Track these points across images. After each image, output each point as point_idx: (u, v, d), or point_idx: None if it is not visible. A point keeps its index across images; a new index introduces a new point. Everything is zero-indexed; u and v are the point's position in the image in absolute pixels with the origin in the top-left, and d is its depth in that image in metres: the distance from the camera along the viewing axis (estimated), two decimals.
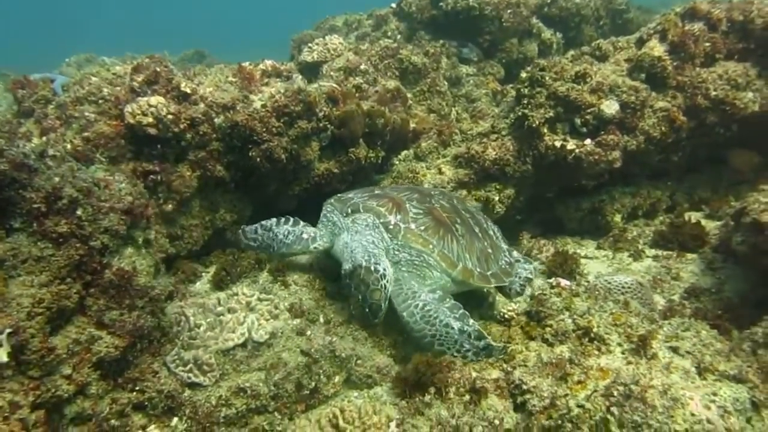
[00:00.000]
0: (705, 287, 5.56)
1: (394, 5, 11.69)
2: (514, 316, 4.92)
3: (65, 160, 3.49)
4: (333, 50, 8.37)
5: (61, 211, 3.21)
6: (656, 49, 6.39)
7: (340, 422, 3.36)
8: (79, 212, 3.25)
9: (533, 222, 7.89)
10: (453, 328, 4.12)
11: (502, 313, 4.99)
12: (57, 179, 3.24)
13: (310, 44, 8.81)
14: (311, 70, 8.49)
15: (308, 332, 3.90)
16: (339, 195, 5.30)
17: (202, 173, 5.18)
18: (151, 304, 3.49)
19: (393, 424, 3.47)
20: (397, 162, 7.68)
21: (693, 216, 6.71)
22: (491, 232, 5.59)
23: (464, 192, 7.03)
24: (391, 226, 4.49)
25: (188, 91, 5.00)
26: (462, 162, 7.12)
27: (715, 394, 3.50)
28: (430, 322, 4.11)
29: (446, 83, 9.26)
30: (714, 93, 6.29)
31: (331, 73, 7.37)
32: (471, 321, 4.27)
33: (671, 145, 6.74)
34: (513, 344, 4.58)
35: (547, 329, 4.54)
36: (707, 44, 6.36)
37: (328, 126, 5.96)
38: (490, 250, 5.08)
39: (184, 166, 5.07)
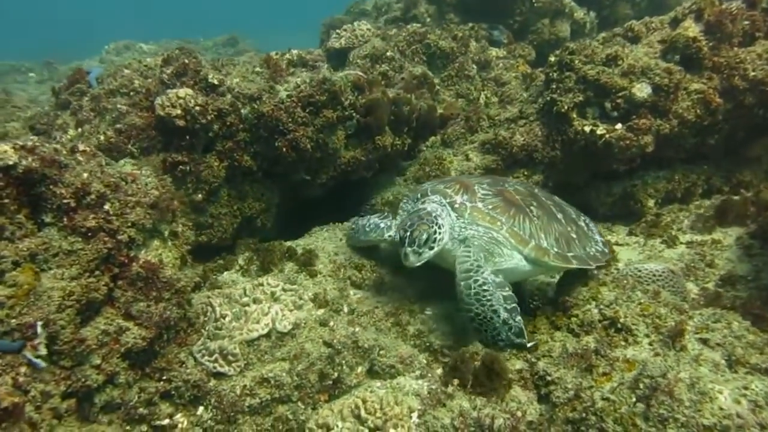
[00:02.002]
0: (741, 274, 5.40)
1: None
2: (540, 305, 4.88)
3: (95, 156, 3.59)
4: (360, 36, 8.34)
5: (90, 205, 3.31)
6: (691, 29, 6.16)
7: (362, 413, 3.41)
8: (106, 207, 3.35)
9: None
10: (499, 316, 4.08)
11: (528, 302, 4.95)
12: (86, 175, 3.33)
13: (338, 30, 8.80)
14: (339, 57, 8.49)
15: (331, 323, 3.94)
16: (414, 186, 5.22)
17: (229, 163, 5.26)
18: (177, 295, 3.58)
19: (415, 415, 3.50)
20: (425, 148, 7.65)
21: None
22: (582, 224, 5.36)
23: None
24: (456, 205, 4.39)
25: (215, 82, 5.07)
26: (489, 148, 7.04)
27: (746, 388, 3.42)
28: (480, 301, 4.06)
29: (475, 67, 9.13)
30: (753, 73, 6.05)
31: (358, 60, 7.35)
32: (518, 317, 4.20)
33: (707, 127, 6.53)
34: (539, 334, 4.57)
35: (573, 319, 4.50)
36: (746, 23, 6.11)
37: (354, 114, 5.95)
38: (574, 236, 4.87)
39: (212, 156, 5.15)
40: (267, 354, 3.74)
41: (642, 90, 6.22)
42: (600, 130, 6.43)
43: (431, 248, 4.04)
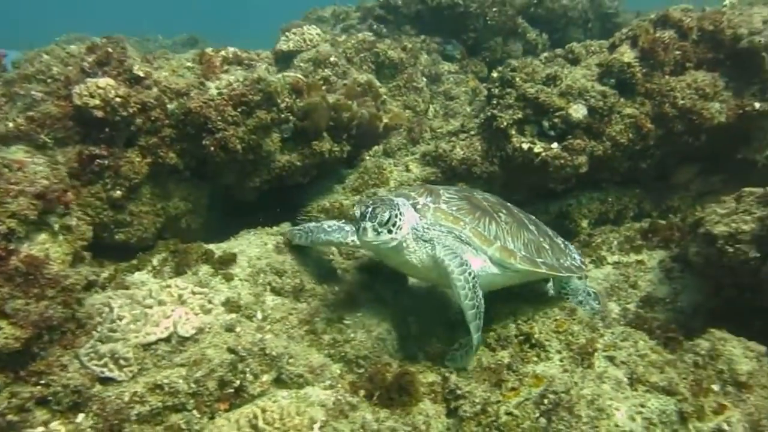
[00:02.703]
0: (660, 296, 5.51)
1: None
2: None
3: None
4: (309, 40, 8.26)
5: None
6: (626, 54, 6.31)
7: (260, 422, 3.29)
8: None
9: None
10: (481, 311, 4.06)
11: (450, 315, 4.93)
12: None
13: (287, 33, 8.70)
14: (286, 60, 8.38)
15: (238, 328, 3.81)
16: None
17: (153, 160, 5.09)
18: (64, 293, 3.38)
19: (316, 426, 3.41)
20: (368, 158, 7.61)
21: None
22: (558, 241, 5.24)
23: None
24: (419, 206, 4.23)
25: (141, 74, 4.90)
26: (430, 160, 7.05)
27: (642, 406, 3.47)
28: (476, 292, 3.97)
29: (425, 79, 9.16)
30: (681, 102, 6.21)
31: (300, 63, 7.27)
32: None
33: (639, 152, 6.67)
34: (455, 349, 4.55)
35: (491, 333, 4.49)
36: (677, 52, 6.28)
37: (290, 117, 5.86)
38: (546, 246, 4.75)
39: (134, 151, 4.97)
40: (165, 359, 3.58)
41: (578, 111, 6.33)
42: (537, 148, 6.50)
43: (390, 231, 3.91)
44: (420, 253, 4.17)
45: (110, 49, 4.87)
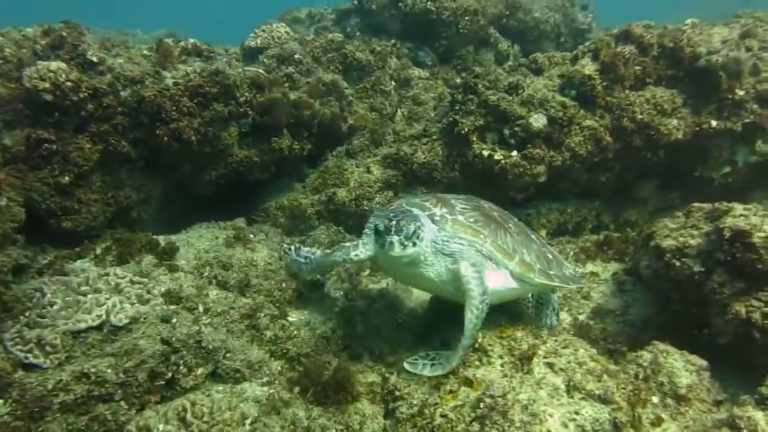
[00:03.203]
0: (611, 308, 5.56)
1: (356, 1, 11.57)
2: (406, 318, 4.84)
3: None
4: (277, 38, 8.22)
5: None
6: (587, 67, 6.40)
7: (188, 416, 3.21)
8: None
9: None
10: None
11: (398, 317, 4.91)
12: None
13: (256, 30, 8.65)
14: (254, 56, 8.32)
15: (174, 320, 3.73)
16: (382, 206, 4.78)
17: (104, 147, 4.98)
18: None
19: (248, 422, 3.34)
20: (331, 157, 7.57)
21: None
22: (550, 248, 5.07)
23: (391, 193, 6.96)
24: (437, 218, 3.99)
25: (95, 59, 4.81)
26: (391, 162, 7.05)
27: (577, 413, 3.47)
28: (482, 318, 3.89)
29: (393, 83, 9.17)
30: (640, 117, 6.32)
31: (265, 59, 7.21)
32: None
33: (598, 164, 6.75)
34: (403, 349, 4.52)
35: (438, 337, 4.48)
36: (638, 68, 6.39)
37: (250, 112, 5.80)
38: (550, 256, 4.61)
39: (85, 137, 4.87)
40: (95, 348, 3.48)
41: (538, 120, 6.39)
42: (497, 156, 6.54)
43: (414, 244, 3.70)
44: (438, 266, 3.95)
45: (65, 33, 4.77)
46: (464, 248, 3.95)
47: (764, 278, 4.04)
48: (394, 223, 3.64)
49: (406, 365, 4.05)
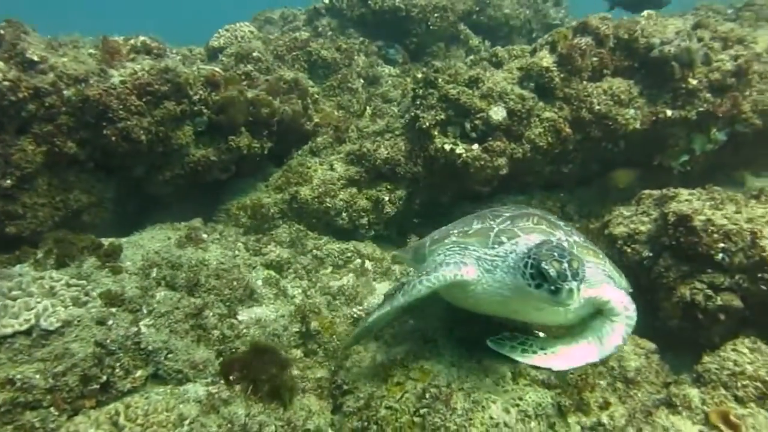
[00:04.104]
0: None
1: (327, 1, 11.55)
2: (363, 315, 4.80)
3: None
4: (241, 37, 8.14)
5: None
6: (545, 59, 6.39)
7: (121, 419, 3.14)
8: None
9: (430, 226, 7.77)
10: None
11: (352, 313, 4.87)
12: None
13: (219, 30, 8.57)
14: (217, 56, 8.25)
15: (110, 321, 3.66)
16: (447, 237, 3.92)
17: (49, 149, 4.89)
18: None
19: (186, 422, 3.28)
20: (296, 156, 7.51)
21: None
22: None
23: (355, 190, 6.91)
24: (565, 243, 3.48)
25: (35, 58, 4.71)
26: (354, 159, 6.99)
27: (520, 399, 3.46)
28: None
29: (361, 81, 9.13)
30: (598, 107, 6.31)
31: (223, 58, 7.14)
32: None
33: (559, 156, 6.74)
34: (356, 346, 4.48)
35: (389, 330, 4.44)
36: (595, 59, 6.38)
37: (204, 111, 5.73)
38: None
39: (27, 139, 4.77)
40: (22, 354, 3.39)
41: (498, 113, 6.37)
42: (459, 149, 6.50)
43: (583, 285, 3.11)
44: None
45: (2, 32, 4.67)
46: (592, 271, 3.46)
47: (706, 261, 4.05)
48: (566, 265, 3.04)
49: (489, 343, 3.66)
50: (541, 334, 3.89)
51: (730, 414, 3.35)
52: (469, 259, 3.59)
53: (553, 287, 3.04)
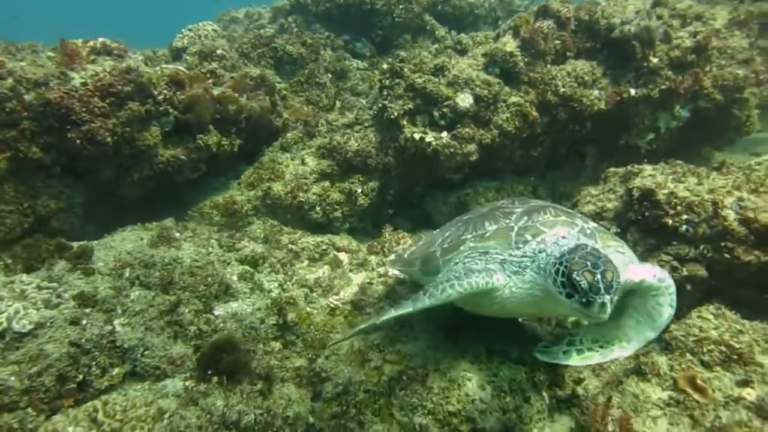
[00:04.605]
0: None
1: None
2: (340, 305, 4.83)
3: None
4: (204, 36, 8.09)
5: None
6: (509, 44, 6.48)
7: (100, 415, 3.14)
8: None
9: (405, 216, 7.86)
10: None
11: (327, 303, 4.89)
12: None
13: (183, 30, 8.50)
14: (181, 56, 8.18)
15: (84, 321, 3.64)
16: (461, 243, 3.66)
17: (13, 154, 4.82)
18: None
19: (166, 416, 3.29)
20: (266, 152, 7.50)
21: None
22: None
23: (327, 184, 6.93)
24: (588, 231, 3.38)
25: None
26: (325, 153, 7.01)
27: (495, 375, 3.53)
28: None
29: (329, 75, 9.13)
30: (563, 90, 6.42)
31: (187, 57, 7.09)
32: None
33: (528, 140, 6.84)
34: (334, 333, 4.51)
35: (366, 317, 4.48)
36: (557, 42, 6.49)
37: (170, 110, 5.69)
38: None
39: None
40: None
41: (464, 100, 6.44)
42: (429, 138, 6.56)
43: (617, 296, 2.95)
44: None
45: None
46: (615, 257, 3.26)
47: (671, 234, 4.15)
48: (599, 277, 2.85)
49: (539, 355, 3.51)
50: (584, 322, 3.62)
51: (697, 378, 3.44)
52: (494, 265, 3.38)
53: (584, 299, 2.87)
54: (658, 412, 3.32)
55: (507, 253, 3.39)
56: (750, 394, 3.23)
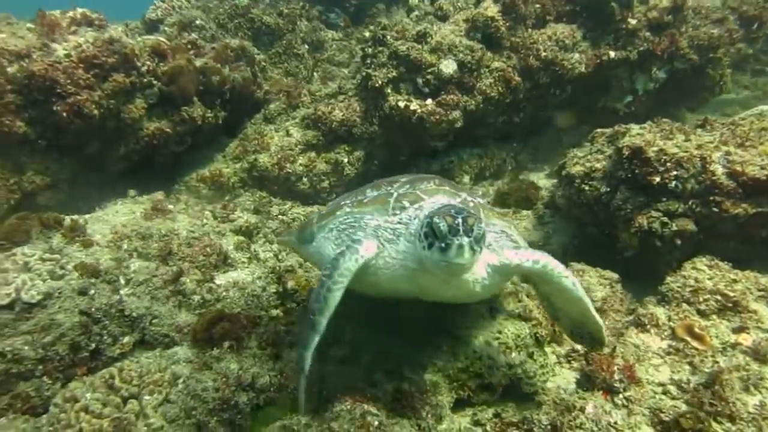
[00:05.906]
0: (535, 240, 5.77)
1: None
2: None
3: None
4: (178, 7, 7.92)
5: None
6: (490, 9, 6.52)
7: (116, 381, 3.16)
8: None
9: None
10: None
11: None
12: None
13: (156, 1, 8.30)
14: (156, 28, 8.00)
15: (91, 291, 3.64)
16: (339, 209, 3.45)
17: None
18: None
19: (180, 381, 3.33)
20: (249, 125, 7.44)
21: (532, 176, 7.03)
22: None
23: (313, 154, 6.93)
24: (471, 204, 3.21)
25: None
26: (309, 123, 6.99)
27: (500, 332, 3.63)
28: None
29: (306, 46, 9.06)
30: (544, 54, 6.52)
31: (165, 28, 6.95)
32: None
33: (511, 105, 6.93)
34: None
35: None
36: (537, 6, 6.57)
37: (154, 82, 5.60)
38: None
39: None
40: (8, 327, 3.36)
41: (448, 66, 6.48)
42: (413, 105, 6.59)
43: (480, 249, 2.74)
44: (478, 266, 2.95)
45: None
46: (496, 236, 3.18)
47: (661, 190, 4.28)
48: (460, 221, 2.67)
49: None
50: None
51: (695, 326, 3.56)
52: (364, 231, 3.13)
53: (443, 244, 2.67)
54: (659, 361, 3.48)
55: (383, 219, 3.16)
56: (746, 339, 3.40)
